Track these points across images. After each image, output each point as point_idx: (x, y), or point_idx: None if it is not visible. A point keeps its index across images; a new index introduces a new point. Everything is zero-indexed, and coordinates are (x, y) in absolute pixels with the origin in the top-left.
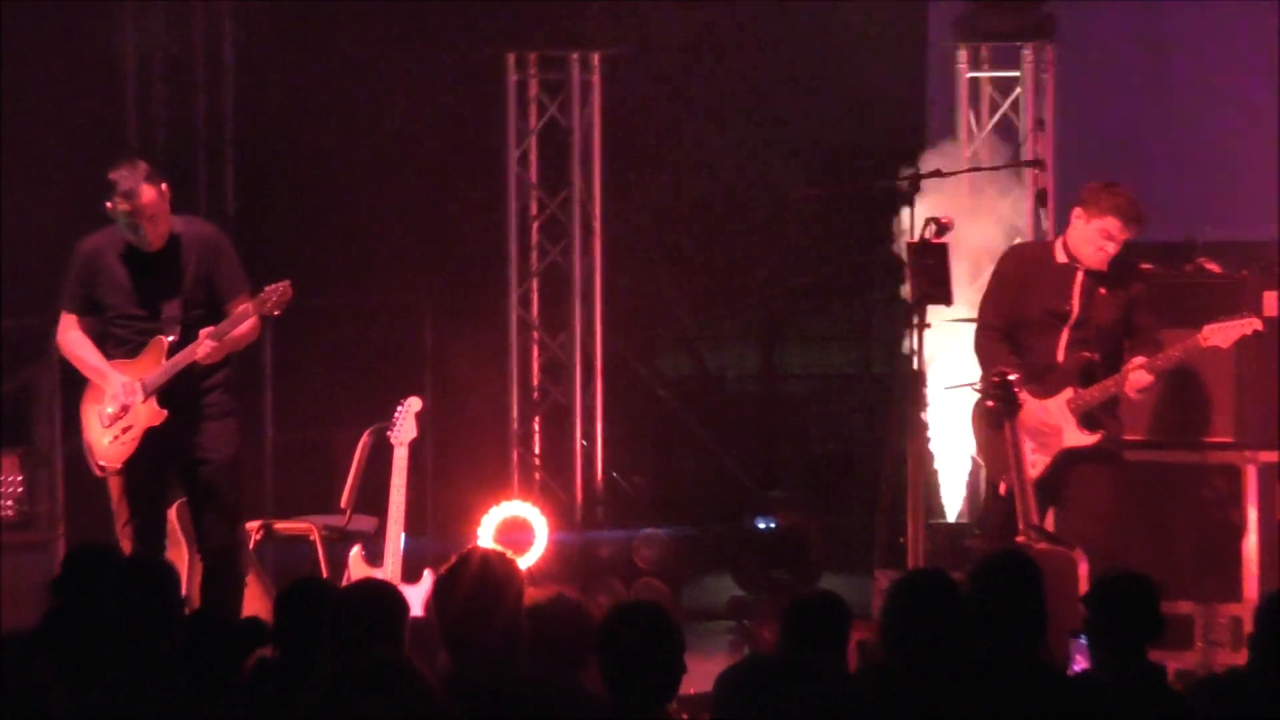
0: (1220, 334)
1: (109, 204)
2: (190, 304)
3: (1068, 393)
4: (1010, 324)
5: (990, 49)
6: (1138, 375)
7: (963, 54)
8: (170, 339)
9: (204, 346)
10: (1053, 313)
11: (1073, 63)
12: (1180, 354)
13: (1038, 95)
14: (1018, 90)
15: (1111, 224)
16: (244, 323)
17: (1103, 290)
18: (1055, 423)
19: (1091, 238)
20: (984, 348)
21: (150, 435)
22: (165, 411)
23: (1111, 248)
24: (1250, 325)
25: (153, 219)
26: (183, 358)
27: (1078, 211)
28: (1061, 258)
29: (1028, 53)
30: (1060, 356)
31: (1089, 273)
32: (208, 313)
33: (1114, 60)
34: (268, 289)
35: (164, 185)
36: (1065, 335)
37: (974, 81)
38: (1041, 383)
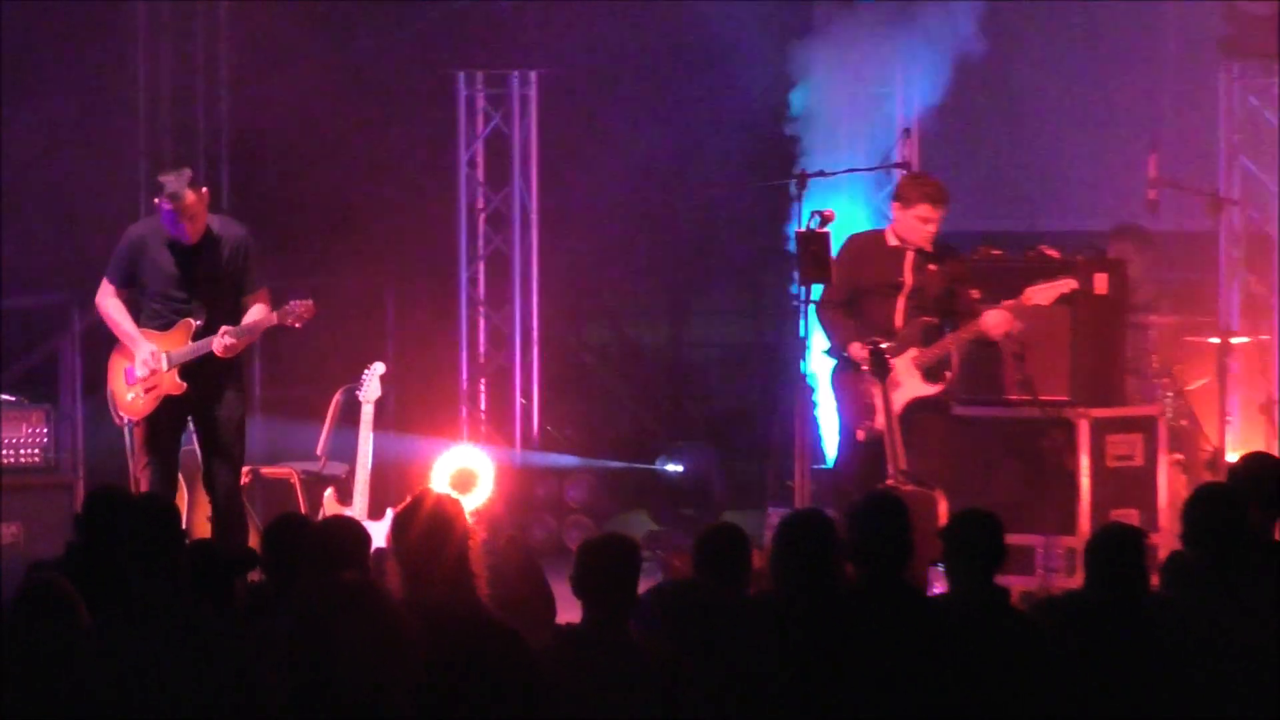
0: (1040, 294)
1: (157, 200)
2: (220, 292)
3: (912, 352)
4: (848, 296)
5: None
6: (992, 315)
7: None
8: (198, 323)
9: (220, 342)
10: (889, 285)
11: (930, 76)
12: (1010, 308)
13: (904, 106)
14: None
15: (924, 209)
16: (259, 326)
17: (932, 266)
18: (902, 378)
19: (911, 223)
20: (826, 317)
21: (168, 399)
22: (185, 385)
23: (931, 227)
24: (1066, 285)
25: (193, 217)
26: (203, 344)
27: (896, 205)
28: (893, 242)
29: (896, 73)
30: (899, 322)
31: (919, 251)
32: (233, 302)
33: (966, 73)
34: (293, 303)
35: (204, 189)
36: (901, 303)
37: (853, 96)
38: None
